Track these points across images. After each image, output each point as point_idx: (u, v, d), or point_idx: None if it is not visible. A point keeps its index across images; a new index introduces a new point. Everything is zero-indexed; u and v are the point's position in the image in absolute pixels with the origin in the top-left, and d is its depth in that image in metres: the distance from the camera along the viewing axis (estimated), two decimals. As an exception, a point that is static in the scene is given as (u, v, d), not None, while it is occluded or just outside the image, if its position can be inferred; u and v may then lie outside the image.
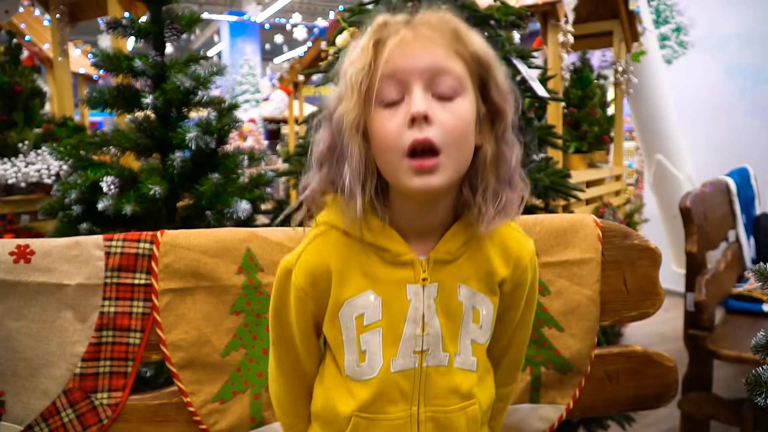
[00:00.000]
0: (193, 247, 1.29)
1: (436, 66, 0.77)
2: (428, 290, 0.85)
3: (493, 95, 0.81)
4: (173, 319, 1.27)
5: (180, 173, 1.72)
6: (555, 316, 1.36)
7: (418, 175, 0.77)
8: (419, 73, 0.77)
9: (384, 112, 0.78)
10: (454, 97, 0.78)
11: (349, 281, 0.85)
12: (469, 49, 0.80)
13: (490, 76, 0.81)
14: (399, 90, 0.77)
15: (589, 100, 3.63)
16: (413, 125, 0.76)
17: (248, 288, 1.30)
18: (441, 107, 0.77)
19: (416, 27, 0.79)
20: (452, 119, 0.77)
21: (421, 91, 0.77)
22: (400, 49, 0.77)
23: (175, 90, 1.73)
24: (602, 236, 1.38)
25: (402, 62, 0.77)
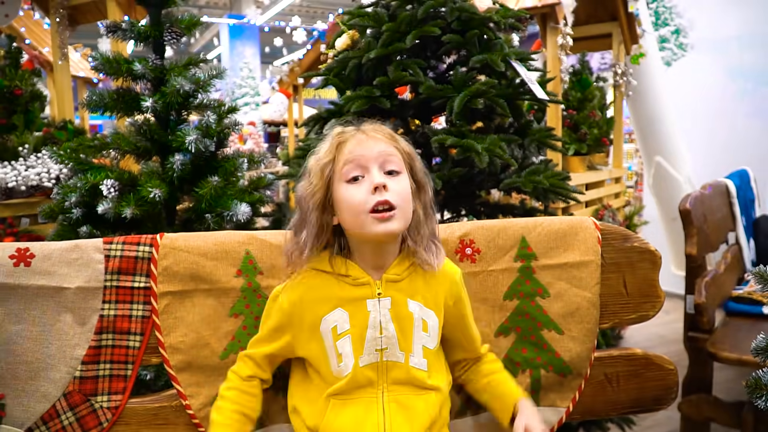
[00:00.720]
0: (193, 249, 1.29)
1: (385, 153, 1.11)
2: (383, 303, 1.13)
3: (418, 175, 1.16)
4: (172, 321, 1.28)
5: (180, 176, 1.73)
6: (554, 319, 1.37)
7: (381, 223, 1.07)
8: (374, 158, 1.10)
9: (350, 187, 1.09)
10: (398, 173, 1.11)
11: (323, 303, 1.14)
12: (400, 147, 1.14)
13: (414, 163, 1.15)
14: (360, 171, 1.09)
15: (589, 103, 3.64)
16: (375, 192, 1.07)
17: (247, 291, 1.30)
18: (391, 180, 1.10)
19: (366, 131, 1.12)
20: (400, 187, 1.10)
21: (377, 170, 1.09)
22: (358, 144, 1.10)
23: (175, 93, 1.73)
24: (602, 239, 1.39)
25: (361, 151, 1.10)
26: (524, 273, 1.37)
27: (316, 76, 2.17)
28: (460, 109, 1.79)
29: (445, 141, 1.77)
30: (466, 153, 1.74)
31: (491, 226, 1.38)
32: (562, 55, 2.86)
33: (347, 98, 1.92)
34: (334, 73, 2.05)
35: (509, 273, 1.37)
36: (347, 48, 2.09)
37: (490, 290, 1.37)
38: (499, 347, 1.37)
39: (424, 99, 1.92)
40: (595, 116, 3.62)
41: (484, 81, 1.87)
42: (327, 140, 1.14)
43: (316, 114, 2.17)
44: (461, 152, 1.75)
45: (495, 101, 1.85)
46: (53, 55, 3.42)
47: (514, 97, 1.99)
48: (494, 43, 1.98)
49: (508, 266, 1.37)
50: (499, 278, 1.37)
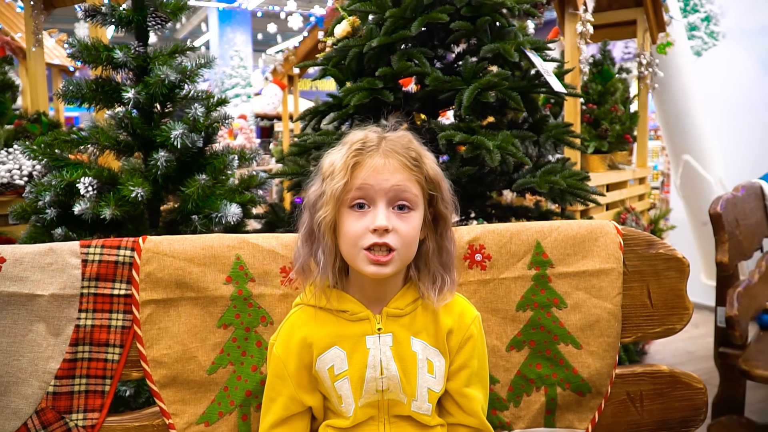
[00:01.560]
0: (178, 254, 1.30)
1: (400, 188, 1.09)
2: (384, 339, 1.14)
3: (439, 206, 1.14)
4: (155, 332, 1.28)
5: (164, 174, 1.73)
6: (572, 332, 1.37)
7: (373, 265, 1.07)
8: (384, 192, 1.08)
9: (353, 214, 1.09)
10: (410, 210, 1.10)
11: (318, 342, 1.14)
12: (424, 174, 1.12)
13: (439, 192, 1.14)
14: (368, 201, 1.09)
15: (610, 96, 3.64)
16: (375, 233, 1.07)
17: (237, 299, 1.30)
18: (398, 218, 1.09)
19: (386, 154, 1.10)
20: (407, 228, 1.09)
21: (384, 207, 1.08)
22: (372, 173, 1.08)
23: (159, 84, 1.74)
24: (624, 244, 1.39)
25: (372, 182, 1.08)
26: (539, 281, 1.37)
27: (314, 65, 2.18)
28: (470, 102, 1.80)
29: (454, 137, 1.77)
30: (476, 150, 1.75)
31: (503, 231, 1.39)
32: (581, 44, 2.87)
33: (347, 90, 1.93)
34: (332, 63, 2.06)
35: (522, 281, 1.37)
36: (347, 35, 2.10)
37: (501, 300, 1.37)
38: (510, 362, 1.37)
39: (430, 92, 1.93)
40: (618, 111, 3.62)
41: (496, 72, 1.88)
42: (344, 148, 1.12)
43: (313, 107, 2.17)
44: (471, 150, 1.76)
45: (508, 94, 1.86)
46: (26, 41, 3.43)
47: (529, 89, 1.99)
48: (507, 31, 1.99)
49: (521, 274, 1.37)
50: (511, 287, 1.37)
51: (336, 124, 2.15)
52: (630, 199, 3.63)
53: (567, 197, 1.89)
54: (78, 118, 10.69)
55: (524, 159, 1.79)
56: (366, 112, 1.92)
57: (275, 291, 1.33)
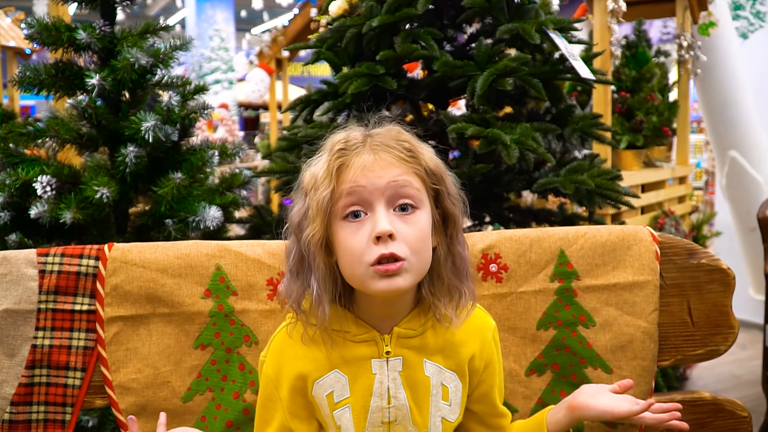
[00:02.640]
0: (149, 264, 1.30)
1: (398, 184, 1.05)
2: (392, 363, 1.12)
3: (446, 203, 1.11)
4: (123, 354, 1.28)
5: (133, 172, 1.74)
6: (601, 354, 1.37)
7: (384, 278, 1.03)
8: (381, 191, 1.04)
9: (349, 227, 1.05)
10: (414, 209, 1.07)
11: (314, 363, 1.12)
12: (423, 165, 1.09)
13: (443, 186, 1.11)
14: (363, 207, 1.05)
15: (646, 83, 3.64)
16: (379, 242, 1.03)
17: (217, 316, 1.31)
18: (402, 221, 1.05)
19: (374, 149, 1.07)
20: (413, 232, 1.05)
21: (383, 209, 1.04)
22: (362, 172, 1.05)
23: (128, 68, 1.75)
24: (661, 253, 1.39)
25: (364, 182, 1.04)
26: (563, 296, 1.38)
27: (305, 48, 2.19)
28: (484, 90, 1.80)
29: (465, 130, 1.78)
30: (491, 145, 1.75)
31: (522, 237, 1.39)
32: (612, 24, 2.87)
33: (344, 76, 1.94)
34: (327, 45, 2.07)
35: (544, 296, 1.38)
36: (344, 14, 2.11)
37: (520, 317, 1.38)
38: (531, 389, 1.37)
39: (439, 78, 1.94)
40: (655, 100, 3.63)
41: (515, 56, 1.88)
42: (324, 154, 1.09)
43: (304, 96, 2.18)
44: (485, 144, 1.76)
45: (527, 81, 1.86)
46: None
47: (552, 76, 2.00)
48: (527, 9, 1.99)
49: (542, 287, 1.38)
50: (531, 302, 1.38)
51: (331, 115, 2.15)
52: (668, 201, 3.63)
53: (596, 199, 1.90)
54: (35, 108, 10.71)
55: (546, 155, 1.79)
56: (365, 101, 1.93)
57: (261, 306, 1.33)
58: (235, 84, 11.85)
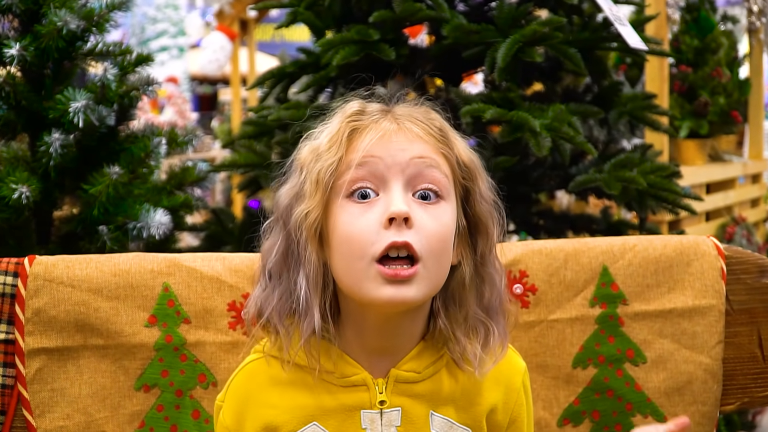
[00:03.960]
0: (80, 282, 1.30)
1: (422, 161, 1.04)
2: (388, 417, 1.09)
3: (477, 207, 1.09)
4: (47, 395, 1.28)
5: (59, 165, 1.74)
6: (653, 398, 1.38)
7: (390, 284, 1.00)
8: (401, 168, 1.02)
9: (352, 208, 1.02)
10: (439, 198, 1.05)
11: (288, 413, 1.08)
12: (455, 153, 1.08)
13: (475, 185, 1.09)
14: (374, 185, 1.03)
15: (711, 55, 3.65)
16: (391, 226, 1.00)
17: (165, 349, 1.31)
18: (423, 210, 1.03)
19: (398, 118, 1.07)
20: (435, 225, 1.02)
21: (401, 189, 1.02)
22: (381, 139, 1.03)
23: (54, 34, 1.74)
24: (728, 271, 1.40)
25: (381, 153, 1.03)
26: (606, 325, 1.39)
27: (278, 6, 2.20)
28: (507, 62, 1.81)
29: (483, 113, 1.78)
30: (516, 133, 1.76)
31: (554, 250, 1.41)
32: (670, -21, 2.89)
33: (327, 43, 1.94)
34: (306, 3, 2.07)
35: (582, 325, 1.39)
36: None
37: (551, 352, 1.39)
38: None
39: (449, 46, 1.95)
40: (722, 76, 3.63)
41: (546, 19, 1.89)
42: (335, 119, 1.08)
43: (277, 68, 2.19)
44: (508, 131, 1.77)
45: (562, 51, 1.87)
46: None
47: (593, 44, 2.01)
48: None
49: (580, 314, 1.39)
50: (566, 333, 1.39)
51: (310, 93, 2.16)
52: (739, 205, 3.64)
53: (648, 202, 1.91)
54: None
55: (586, 146, 1.80)
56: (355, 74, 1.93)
57: (220, 338, 1.34)
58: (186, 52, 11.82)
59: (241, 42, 7.26)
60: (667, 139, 2.80)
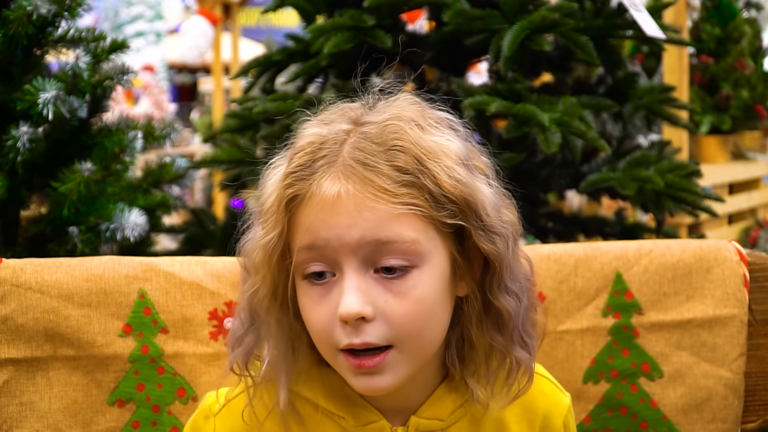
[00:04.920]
0: (49, 288, 1.30)
1: (373, 240, 0.94)
2: None
3: (477, 241, 0.98)
4: (15, 410, 1.28)
5: (27, 161, 1.74)
6: (670, 416, 1.39)
7: (358, 376, 0.97)
8: (351, 250, 0.94)
9: (310, 291, 0.98)
10: (404, 272, 0.96)
11: None
12: (432, 191, 0.95)
13: (469, 216, 0.97)
14: (328, 266, 0.96)
15: (734, 45, 3.66)
16: (346, 325, 0.94)
17: (141, 361, 1.31)
18: (387, 288, 0.95)
19: (346, 173, 0.95)
20: (404, 307, 0.95)
21: (355, 275, 0.95)
22: (323, 217, 0.95)
23: (24, 20, 1.75)
24: (750, 279, 1.41)
25: (327, 234, 0.95)
26: (620, 337, 1.40)
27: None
28: (514, 51, 1.81)
29: (487, 106, 1.79)
30: (524, 127, 1.76)
31: (564, 256, 1.41)
32: (691, -39, 2.90)
33: (318, 30, 1.95)
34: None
35: (594, 336, 1.40)
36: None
37: (560, 366, 1.39)
38: (575, 465, 1.39)
39: (451, 33, 1.95)
40: (745, 68, 3.65)
41: (556, 4, 1.89)
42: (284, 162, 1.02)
43: (263, 55, 2.19)
44: (515, 126, 1.77)
45: (573, 39, 1.88)
46: None
47: (607, 32, 2.01)
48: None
49: (592, 325, 1.40)
50: (576, 345, 1.40)
51: (300, 83, 2.17)
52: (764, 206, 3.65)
53: (665, 203, 1.91)
54: None
55: (599, 142, 1.80)
56: (348, 63, 1.94)
57: (201, 349, 1.34)
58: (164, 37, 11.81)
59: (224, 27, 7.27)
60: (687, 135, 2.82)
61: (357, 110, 1.02)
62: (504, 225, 1.00)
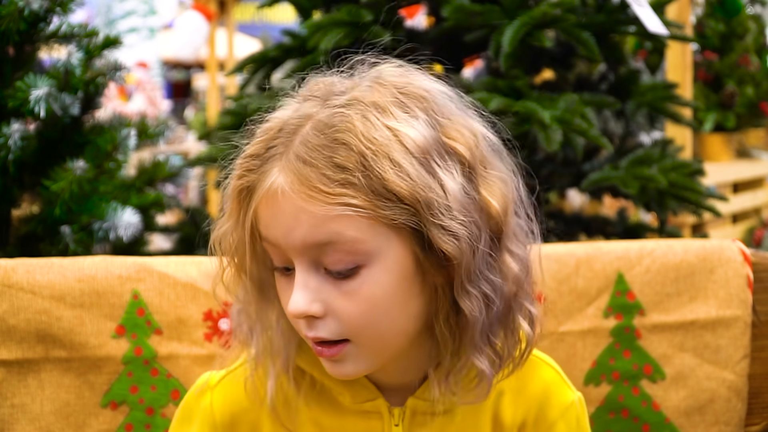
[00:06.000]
0: (41, 289, 1.30)
1: (313, 241, 0.93)
2: None
3: (434, 240, 0.93)
4: (8, 412, 1.28)
5: (18, 159, 1.74)
6: (672, 417, 1.39)
7: (327, 362, 0.99)
8: (297, 252, 0.94)
9: (280, 281, 1.00)
10: (354, 271, 0.94)
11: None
12: (376, 189, 0.91)
13: (422, 214, 0.92)
14: (286, 261, 0.97)
15: (738, 41, 3.67)
16: (303, 321, 0.96)
17: (134, 363, 1.32)
18: (335, 288, 0.95)
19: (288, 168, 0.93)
20: (354, 306, 0.95)
21: (305, 273, 0.95)
22: (271, 213, 0.95)
23: (15, 16, 1.74)
24: (755, 279, 1.41)
25: (274, 234, 0.95)
26: (622, 338, 1.40)
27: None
28: (514, 47, 1.81)
29: (487, 103, 1.79)
30: (524, 125, 1.76)
31: (565, 256, 1.41)
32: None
33: (315, 25, 1.95)
34: (291, -19, 2.08)
35: (595, 338, 1.40)
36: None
37: (561, 367, 1.38)
38: (576, 468, 1.39)
39: (450, 29, 1.95)
40: (749, 65, 3.65)
41: (557, 0, 1.89)
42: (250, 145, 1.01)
43: (258, 52, 2.19)
44: (515, 123, 1.77)
45: (575, 35, 1.87)
46: None
47: (609, 28, 2.01)
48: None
49: (593, 326, 1.40)
50: (577, 347, 1.40)
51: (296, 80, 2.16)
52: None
53: (669, 202, 1.91)
54: None
55: (601, 140, 1.80)
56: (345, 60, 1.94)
57: (195, 350, 1.34)
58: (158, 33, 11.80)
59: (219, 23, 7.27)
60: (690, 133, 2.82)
61: (333, 86, 1.00)
62: (466, 224, 0.94)
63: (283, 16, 11.32)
